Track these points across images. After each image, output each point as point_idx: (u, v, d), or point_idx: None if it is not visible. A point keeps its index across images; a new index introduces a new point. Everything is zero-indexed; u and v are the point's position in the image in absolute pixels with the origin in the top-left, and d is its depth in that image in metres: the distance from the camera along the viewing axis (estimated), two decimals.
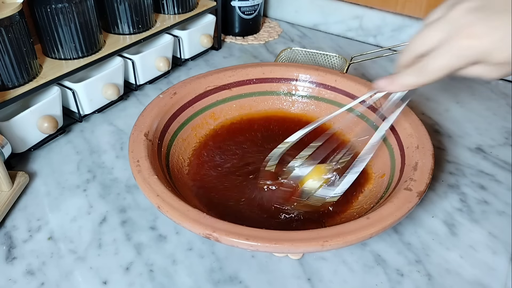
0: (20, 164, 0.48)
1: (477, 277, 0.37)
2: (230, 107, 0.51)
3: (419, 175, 0.37)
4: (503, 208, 0.44)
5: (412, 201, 0.34)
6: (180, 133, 0.46)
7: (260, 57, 0.72)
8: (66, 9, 0.48)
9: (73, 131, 0.53)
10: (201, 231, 0.31)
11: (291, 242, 0.30)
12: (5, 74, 0.44)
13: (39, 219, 0.42)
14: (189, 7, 0.65)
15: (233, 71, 0.51)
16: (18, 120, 0.45)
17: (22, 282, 0.36)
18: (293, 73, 0.52)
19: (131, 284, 0.36)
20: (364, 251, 0.39)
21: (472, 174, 0.48)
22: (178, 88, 0.47)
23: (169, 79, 0.64)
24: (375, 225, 0.32)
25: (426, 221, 0.42)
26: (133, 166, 0.37)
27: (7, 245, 0.39)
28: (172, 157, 0.44)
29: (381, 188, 0.40)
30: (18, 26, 0.44)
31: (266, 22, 0.84)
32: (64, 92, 0.50)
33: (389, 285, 0.36)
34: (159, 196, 0.34)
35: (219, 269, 0.37)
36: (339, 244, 0.31)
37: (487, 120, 0.57)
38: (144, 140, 0.40)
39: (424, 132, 0.41)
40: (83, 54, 0.52)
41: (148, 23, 0.59)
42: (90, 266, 0.37)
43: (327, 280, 0.37)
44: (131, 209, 0.43)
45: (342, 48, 0.75)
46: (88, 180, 0.46)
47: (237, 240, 0.30)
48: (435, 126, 0.56)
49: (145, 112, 0.44)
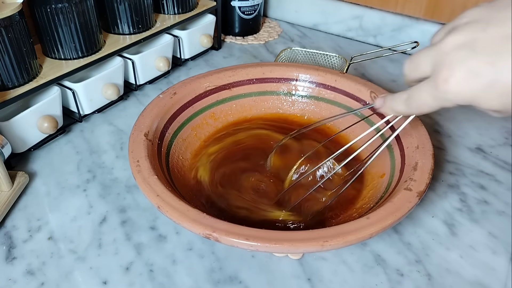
0: (20, 164, 0.48)
1: (477, 277, 0.37)
2: (230, 107, 0.51)
3: (419, 175, 0.37)
4: (503, 208, 0.44)
5: (412, 201, 0.34)
6: (180, 133, 0.46)
7: (260, 57, 0.72)
8: (66, 9, 0.48)
9: (73, 131, 0.53)
10: (201, 231, 0.31)
11: (291, 242, 0.30)
12: (5, 74, 0.44)
13: (39, 219, 0.42)
14: (189, 7, 0.65)
15: (233, 71, 0.51)
16: (18, 120, 0.45)
17: (22, 282, 0.36)
18: (293, 73, 0.52)
19: (131, 284, 0.36)
20: (364, 251, 0.39)
21: (472, 174, 0.48)
22: (178, 88, 0.47)
23: (169, 79, 0.64)
24: (375, 225, 0.32)
25: (426, 221, 0.42)
26: (133, 166, 0.37)
27: (7, 245, 0.39)
28: (172, 157, 0.44)
29: (381, 188, 0.40)
30: (18, 26, 0.44)
31: (266, 22, 0.84)
32: (64, 92, 0.50)
33: (389, 285, 0.36)
34: (159, 196, 0.34)
35: (219, 269, 0.37)
36: (339, 244, 0.31)
37: (487, 120, 0.57)
38: (144, 140, 0.40)
39: (424, 132, 0.41)
40: (83, 54, 0.52)
41: (148, 23, 0.59)
42: (90, 266, 0.37)
43: (327, 280, 0.37)
44: (131, 209, 0.43)
45: (342, 48, 0.75)
46: (88, 180, 0.46)
47: (237, 240, 0.30)
48: (435, 126, 0.56)
49: (145, 112, 0.44)
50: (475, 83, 0.26)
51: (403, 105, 0.32)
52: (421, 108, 0.30)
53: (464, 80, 0.26)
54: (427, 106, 0.30)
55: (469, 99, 0.27)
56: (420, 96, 0.30)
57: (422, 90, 0.29)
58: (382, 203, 0.35)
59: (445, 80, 0.27)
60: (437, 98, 0.29)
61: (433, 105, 0.29)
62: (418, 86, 0.30)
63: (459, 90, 0.27)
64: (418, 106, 0.31)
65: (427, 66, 0.29)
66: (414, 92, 0.30)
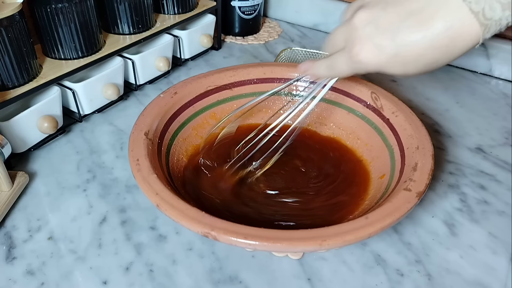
0: (20, 164, 0.48)
1: (477, 277, 0.37)
2: (231, 107, 0.51)
3: (418, 175, 0.36)
4: (503, 208, 0.44)
5: (411, 202, 0.34)
6: (180, 133, 0.46)
7: (260, 57, 0.72)
8: (66, 9, 0.48)
9: (73, 131, 0.53)
10: (199, 229, 0.31)
11: (289, 241, 0.30)
12: (5, 74, 0.44)
13: (39, 219, 0.42)
14: (189, 7, 0.65)
15: (234, 71, 0.51)
16: (18, 120, 0.45)
17: (22, 282, 0.36)
18: (294, 74, 0.52)
19: (131, 284, 0.36)
20: (364, 251, 0.39)
21: (472, 174, 0.48)
22: (179, 87, 0.47)
23: (169, 79, 0.64)
24: (373, 225, 0.32)
25: (426, 221, 0.42)
26: (133, 165, 0.37)
27: (7, 245, 0.39)
28: (172, 156, 0.44)
29: (380, 189, 0.40)
30: (18, 26, 0.44)
31: (266, 22, 0.84)
32: (64, 92, 0.50)
33: (389, 285, 0.36)
34: (158, 195, 0.34)
35: (219, 269, 0.37)
36: (338, 243, 0.31)
37: (487, 120, 0.57)
38: (144, 139, 0.40)
39: (424, 133, 0.41)
40: (83, 54, 0.52)
41: (148, 23, 0.59)
42: (90, 266, 0.37)
43: (327, 280, 0.37)
44: (131, 209, 0.43)
45: None
46: (88, 180, 0.46)
47: (235, 238, 0.30)
48: (435, 126, 0.56)
49: (146, 111, 0.44)
50: (380, 55, 0.31)
51: (326, 70, 0.38)
52: (341, 74, 0.37)
53: (371, 53, 0.32)
54: (345, 72, 0.36)
55: (377, 68, 0.33)
56: (338, 64, 0.35)
57: (339, 60, 0.35)
58: (381, 203, 0.35)
59: (357, 54, 0.32)
60: (351, 67, 0.34)
61: (349, 72, 0.35)
62: (337, 56, 0.35)
63: (368, 61, 0.32)
64: (337, 73, 0.37)
65: (341, 42, 0.35)
66: (333, 61, 0.36)
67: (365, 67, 0.33)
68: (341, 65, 0.35)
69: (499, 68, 0.67)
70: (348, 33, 0.33)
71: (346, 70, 0.35)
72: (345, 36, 0.34)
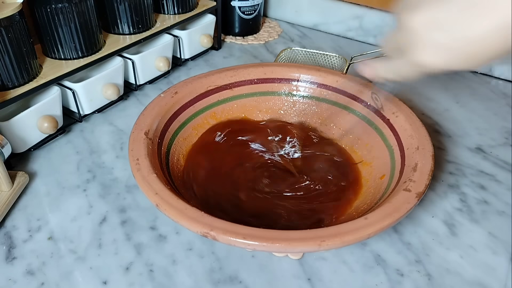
0: (20, 164, 0.48)
1: (477, 277, 0.37)
2: (231, 107, 0.51)
3: (418, 176, 0.36)
4: (503, 208, 0.44)
5: (410, 202, 0.34)
6: (180, 133, 0.46)
7: (260, 57, 0.72)
8: (66, 9, 0.48)
9: (73, 131, 0.53)
10: (199, 229, 0.31)
11: (289, 241, 0.30)
12: (5, 74, 0.44)
13: (39, 219, 0.42)
14: (189, 7, 0.65)
15: (234, 71, 0.51)
16: (18, 120, 0.45)
17: (22, 282, 0.36)
18: (295, 74, 0.51)
19: (131, 284, 0.36)
20: (364, 251, 0.39)
21: (472, 174, 0.48)
22: (179, 87, 0.47)
23: (169, 79, 0.64)
24: (373, 226, 0.32)
25: (426, 221, 0.42)
26: (133, 164, 0.37)
27: (7, 245, 0.39)
28: (172, 156, 0.44)
29: (380, 189, 0.40)
30: (18, 26, 0.44)
31: (266, 22, 0.84)
32: (64, 92, 0.50)
33: (389, 285, 0.36)
34: (157, 194, 0.34)
35: (219, 269, 0.37)
36: (337, 244, 0.31)
37: (487, 120, 0.57)
38: (144, 139, 0.40)
39: (425, 133, 0.41)
40: (83, 54, 0.52)
41: (148, 23, 0.59)
42: (90, 266, 0.37)
43: (327, 280, 0.37)
44: (131, 209, 0.43)
45: (342, 48, 0.75)
46: (88, 180, 0.46)
47: (234, 239, 0.30)
48: (435, 126, 0.56)
49: (146, 111, 0.44)
50: (446, 55, 0.31)
51: (393, 74, 0.37)
52: (407, 78, 0.36)
53: (437, 55, 0.31)
54: (411, 76, 0.35)
55: (443, 67, 0.32)
56: (404, 69, 0.35)
57: (405, 64, 0.35)
58: (380, 203, 0.35)
59: (421, 58, 0.32)
60: (418, 70, 0.34)
61: (416, 75, 0.35)
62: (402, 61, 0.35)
63: (434, 64, 0.32)
64: (404, 77, 0.36)
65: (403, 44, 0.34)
66: (399, 66, 0.36)
67: (431, 69, 0.32)
68: (407, 69, 0.35)
69: (499, 68, 0.67)
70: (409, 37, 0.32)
71: (412, 73, 0.35)
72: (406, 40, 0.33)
